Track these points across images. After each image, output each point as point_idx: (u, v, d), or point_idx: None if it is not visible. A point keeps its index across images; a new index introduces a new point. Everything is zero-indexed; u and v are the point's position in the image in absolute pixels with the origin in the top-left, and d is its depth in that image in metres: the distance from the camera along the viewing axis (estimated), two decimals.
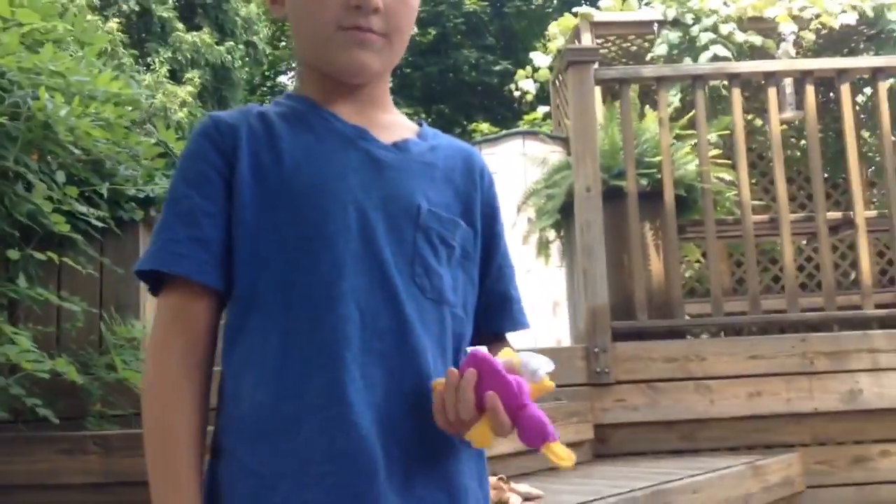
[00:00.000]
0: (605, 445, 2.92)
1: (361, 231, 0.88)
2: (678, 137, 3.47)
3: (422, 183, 0.94)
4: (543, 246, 3.66)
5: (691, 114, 3.36)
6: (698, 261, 4.66)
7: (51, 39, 2.41)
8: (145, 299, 2.67)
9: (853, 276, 4.91)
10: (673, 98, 4.17)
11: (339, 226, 0.88)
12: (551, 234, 3.63)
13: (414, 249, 0.91)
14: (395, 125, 1.00)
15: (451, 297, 0.93)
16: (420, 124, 1.04)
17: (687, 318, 3.21)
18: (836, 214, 3.77)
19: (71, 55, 2.50)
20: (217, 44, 10.15)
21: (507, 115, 11.46)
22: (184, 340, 0.88)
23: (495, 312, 1.01)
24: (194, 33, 10.03)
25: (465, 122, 12.53)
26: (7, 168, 1.97)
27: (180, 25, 9.90)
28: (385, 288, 0.88)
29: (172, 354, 0.87)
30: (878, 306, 3.25)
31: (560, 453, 0.79)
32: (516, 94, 5.54)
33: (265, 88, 15.35)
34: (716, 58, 4.26)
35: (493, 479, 2.05)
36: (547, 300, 4.76)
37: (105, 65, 2.79)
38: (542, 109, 6.26)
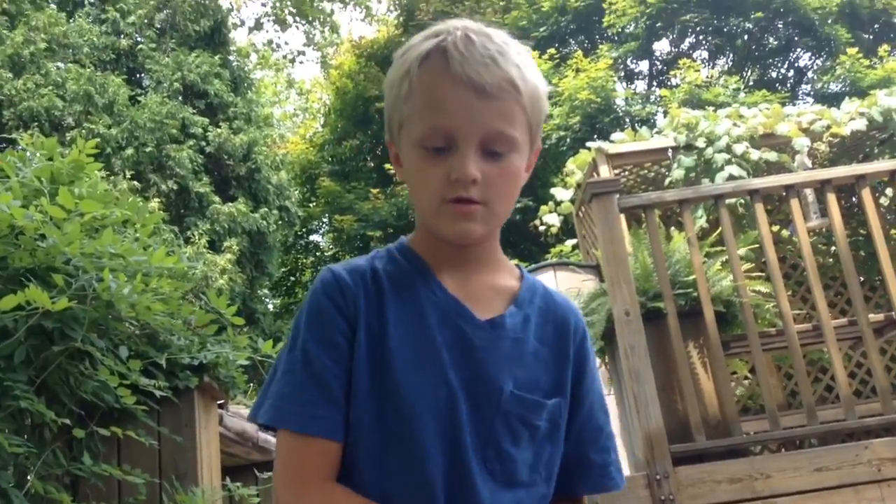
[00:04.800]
0: None
1: (448, 410, 0.95)
2: (708, 255, 3.51)
3: (510, 363, 0.99)
4: None
5: (718, 231, 3.42)
6: (746, 377, 4.59)
7: (108, 224, 2.58)
8: (202, 466, 2.70)
9: None
10: (699, 219, 4.24)
11: (430, 403, 0.95)
12: (596, 361, 3.63)
13: (490, 433, 0.96)
14: (495, 290, 1.04)
15: (525, 477, 0.97)
16: (522, 276, 1.07)
17: (745, 434, 3.15)
18: (878, 316, 3.68)
19: (125, 237, 2.67)
20: (252, 211, 10.63)
21: (532, 248, 11.62)
22: (327, 481, 0.96)
23: (571, 476, 1.04)
24: (230, 204, 10.51)
25: None
26: (75, 348, 2.08)
27: (217, 198, 10.40)
28: (461, 469, 0.94)
29: (320, 484, 0.95)
30: None
31: None
32: (541, 228, 5.68)
33: (299, 247, 15.85)
34: (731, 177, 4.27)
35: None
36: None
37: (154, 242, 2.95)
38: (569, 242, 6.37)
